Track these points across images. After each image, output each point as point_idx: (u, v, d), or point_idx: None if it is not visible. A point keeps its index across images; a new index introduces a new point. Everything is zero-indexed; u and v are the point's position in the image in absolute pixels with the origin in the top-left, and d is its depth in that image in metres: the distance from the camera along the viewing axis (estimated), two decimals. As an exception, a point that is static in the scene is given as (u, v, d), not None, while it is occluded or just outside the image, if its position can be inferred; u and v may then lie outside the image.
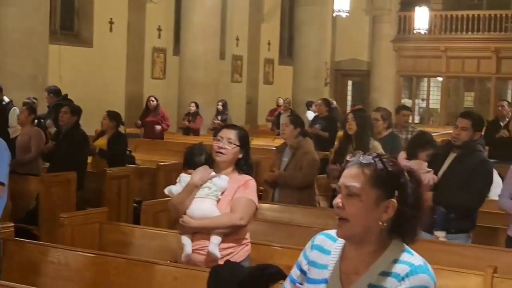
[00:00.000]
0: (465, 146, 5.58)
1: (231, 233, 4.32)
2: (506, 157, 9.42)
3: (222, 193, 4.42)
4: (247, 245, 4.43)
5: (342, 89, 25.38)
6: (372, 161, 2.37)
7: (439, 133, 17.35)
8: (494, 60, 22.66)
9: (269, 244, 5.10)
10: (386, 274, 2.31)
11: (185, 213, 4.40)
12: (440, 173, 5.69)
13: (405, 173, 2.38)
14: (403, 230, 2.37)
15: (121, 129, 9.13)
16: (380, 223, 2.34)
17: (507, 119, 10.96)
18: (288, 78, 21.87)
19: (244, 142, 4.47)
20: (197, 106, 14.58)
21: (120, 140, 9.01)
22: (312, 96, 19.80)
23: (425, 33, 23.63)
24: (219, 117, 14.86)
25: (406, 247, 2.37)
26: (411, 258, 2.33)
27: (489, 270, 4.44)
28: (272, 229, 5.86)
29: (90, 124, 9.19)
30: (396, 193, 2.34)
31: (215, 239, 4.30)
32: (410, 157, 6.01)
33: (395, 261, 2.32)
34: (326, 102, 13.11)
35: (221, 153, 4.41)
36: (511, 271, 4.97)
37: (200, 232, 4.35)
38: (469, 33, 22.95)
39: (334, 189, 7.07)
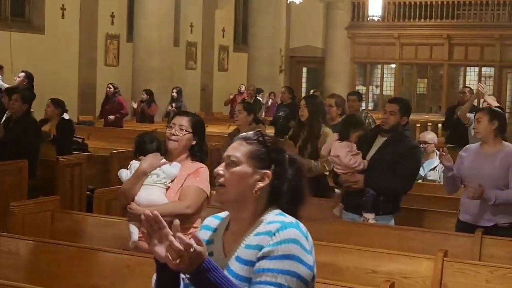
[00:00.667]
0: (393, 130, 5.70)
1: (179, 221, 4.29)
2: (463, 142, 9.56)
3: (172, 180, 4.40)
4: None
5: (297, 76, 25.44)
6: (254, 136, 2.59)
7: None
8: (447, 47, 22.91)
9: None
10: (260, 234, 2.46)
11: (133, 200, 4.39)
12: (369, 156, 5.80)
13: (285, 155, 2.59)
14: (280, 202, 2.55)
15: (66, 116, 9.02)
16: (254, 191, 2.52)
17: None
18: (243, 65, 21.86)
19: (197, 128, 4.44)
20: (150, 93, 14.50)
21: (68, 127, 8.93)
22: (267, 83, 19.87)
23: (378, 20, 23.77)
24: (174, 104, 14.78)
25: (281, 212, 2.53)
26: (283, 218, 2.50)
27: (440, 254, 4.51)
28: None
29: (42, 111, 9.05)
30: (273, 167, 2.54)
31: None
32: (342, 138, 6.08)
33: (269, 222, 2.48)
34: (290, 90, 13.20)
35: (172, 140, 4.39)
36: (461, 255, 5.08)
37: None
38: (422, 20, 23.16)
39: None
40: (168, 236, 2.27)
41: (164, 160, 4.41)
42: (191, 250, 2.23)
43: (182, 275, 2.41)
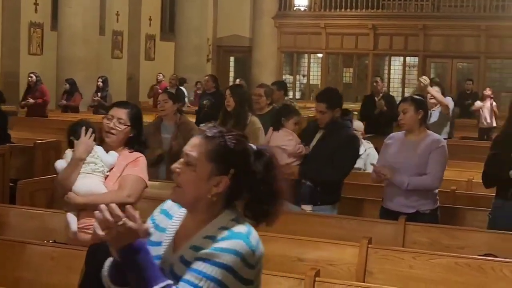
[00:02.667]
0: (329, 127, 5.74)
1: None
2: (381, 131, 9.74)
3: (110, 169, 4.35)
4: None
5: (225, 66, 25.41)
6: (217, 135, 2.41)
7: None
8: (372, 36, 23.20)
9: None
10: (209, 238, 2.35)
11: (71, 190, 4.31)
12: (310, 146, 5.86)
13: (251, 153, 2.42)
14: (234, 206, 2.43)
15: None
16: (209, 196, 2.39)
17: (381, 94, 11.40)
18: (170, 54, 21.70)
19: (135, 121, 4.39)
20: (72, 83, 14.30)
21: (1, 117, 8.77)
22: (194, 72, 19.80)
23: (305, 9, 23.98)
24: (99, 94, 14.61)
25: (237, 217, 2.41)
26: (235, 225, 2.37)
27: (364, 241, 4.58)
28: (155, 207, 5.80)
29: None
30: (232, 171, 2.39)
31: None
32: (276, 127, 6.11)
33: (221, 227, 2.37)
34: (213, 78, 13.17)
35: (112, 133, 4.33)
36: (385, 241, 5.17)
37: (86, 210, 4.26)
38: (348, 10, 23.39)
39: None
40: (101, 207, 2.19)
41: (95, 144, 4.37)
42: (120, 223, 2.15)
43: None
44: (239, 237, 2.32)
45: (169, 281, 2.25)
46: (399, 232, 5.31)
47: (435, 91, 8.89)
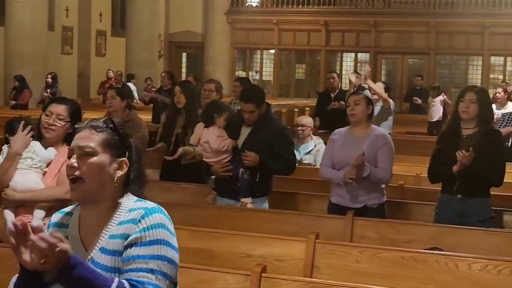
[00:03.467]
0: (258, 122, 5.77)
1: (56, 207, 4.16)
2: (336, 127, 9.77)
3: (48, 165, 4.28)
4: None
5: (177, 62, 25.30)
6: (103, 124, 2.52)
7: (273, 104, 17.71)
8: (324, 33, 23.34)
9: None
10: (123, 223, 2.44)
11: (8, 186, 4.24)
12: (240, 141, 5.84)
13: (131, 139, 2.60)
14: (133, 186, 2.55)
15: None
16: (115, 180, 2.48)
17: (337, 91, 11.42)
18: (121, 50, 21.52)
19: (75, 117, 4.32)
20: (21, 79, 14.09)
21: None
22: (146, 68, 19.69)
23: (257, 6, 23.99)
24: (49, 90, 14.42)
25: (138, 197, 2.54)
26: (143, 203, 2.49)
27: (312, 236, 4.58)
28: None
29: None
30: (127, 154, 2.54)
31: (38, 213, 4.16)
32: (207, 124, 6.10)
33: (130, 210, 2.46)
34: (170, 75, 13.18)
35: (51, 129, 4.27)
36: (334, 236, 5.19)
37: (24, 206, 4.20)
38: (300, 6, 23.48)
39: (164, 161, 7.04)
40: (30, 237, 2.14)
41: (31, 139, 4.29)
42: (57, 249, 2.14)
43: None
44: (154, 211, 2.44)
45: (117, 279, 2.29)
46: (347, 227, 5.32)
47: (375, 85, 8.98)
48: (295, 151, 7.98)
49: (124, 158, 2.51)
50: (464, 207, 5.25)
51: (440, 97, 13.57)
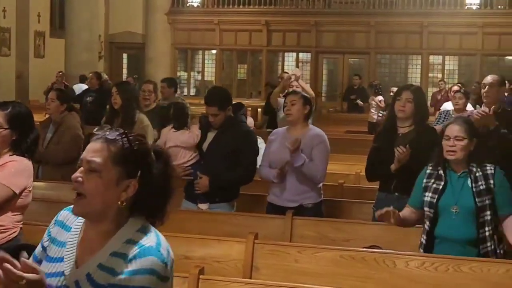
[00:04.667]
0: (223, 124, 5.73)
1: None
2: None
3: None
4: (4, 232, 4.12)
5: (118, 62, 25.05)
6: (118, 137, 2.30)
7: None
8: (265, 33, 23.37)
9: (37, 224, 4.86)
10: (116, 255, 2.27)
11: None
12: (205, 145, 5.82)
13: (152, 153, 2.35)
14: (144, 209, 2.34)
15: None
16: (119, 202, 2.29)
17: (286, 91, 11.47)
18: (61, 51, 21.20)
19: (16, 122, 4.07)
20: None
21: None
22: (86, 69, 19.37)
23: (198, 6, 23.91)
24: (-15, 93, 14.13)
25: (142, 226, 2.34)
26: (143, 238, 2.29)
27: (251, 236, 4.58)
28: (44, 208, 5.63)
29: None
30: (139, 173, 2.31)
31: None
32: (180, 127, 6.07)
33: (128, 241, 2.28)
34: (97, 75, 13.04)
35: None
36: (274, 236, 5.21)
37: None
38: (241, 6, 23.45)
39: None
40: None
41: None
42: (22, 282, 2.00)
43: None
44: (150, 253, 2.24)
45: None
46: (286, 227, 5.35)
47: (303, 82, 9.06)
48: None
49: (133, 179, 2.29)
50: (401, 205, 5.28)
51: (380, 97, 13.70)
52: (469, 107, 11.72)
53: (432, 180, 4.50)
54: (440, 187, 4.43)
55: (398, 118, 5.40)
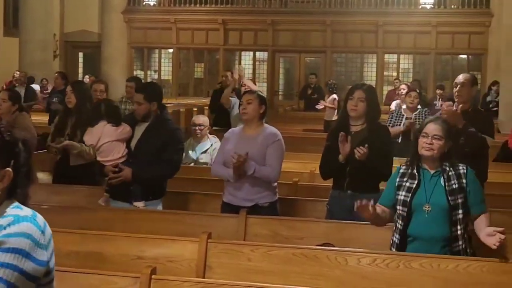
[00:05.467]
0: (152, 121, 5.79)
1: None
2: (227, 123, 9.81)
3: None
4: None
5: (73, 61, 24.82)
6: None
7: (172, 103, 17.63)
8: (222, 32, 23.36)
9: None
10: None
11: None
12: (133, 143, 5.82)
13: (20, 143, 2.47)
14: (15, 194, 2.45)
15: None
16: None
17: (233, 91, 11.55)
18: (14, 50, 20.93)
19: None
20: None
21: None
22: (41, 69, 19.24)
23: (154, 4, 23.81)
24: None
25: (17, 203, 2.44)
26: (18, 211, 2.40)
27: (204, 236, 4.57)
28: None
29: None
30: (12, 162, 2.42)
31: None
32: (117, 123, 6.04)
33: (2, 216, 2.37)
34: (62, 75, 12.95)
35: None
36: (228, 235, 5.20)
37: None
38: (198, 5, 23.42)
39: (56, 164, 6.91)
40: None
41: None
42: None
43: None
44: (26, 220, 2.35)
45: None
46: (240, 226, 5.35)
47: (250, 82, 9.09)
48: (192, 151, 8.03)
49: (8, 169, 2.40)
50: (354, 202, 5.35)
51: (334, 96, 13.78)
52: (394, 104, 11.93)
53: (405, 179, 4.54)
54: (414, 185, 4.48)
55: (351, 117, 5.44)
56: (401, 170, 4.62)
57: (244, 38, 23.44)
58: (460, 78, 6.26)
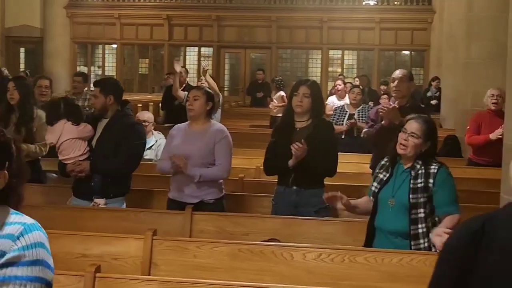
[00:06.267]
0: (112, 117, 5.75)
1: None
2: (179, 120, 9.79)
3: None
4: None
5: (14, 57, 24.33)
6: None
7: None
8: (167, 27, 23.22)
9: None
10: (1, 237, 2.28)
11: None
12: (95, 139, 5.77)
13: (13, 143, 2.42)
14: (9, 197, 2.38)
15: None
16: None
17: (184, 85, 11.60)
18: (-46, 45, 20.51)
19: None
20: None
21: None
22: (-19, 64, 18.83)
23: (98, -1, 23.58)
24: None
25: (12, 210, 2.38)
26: (21, 218, 2.35)
27: (149, 233, 4.55)
28: None
29: None
30: (7, 164, 2.36)
31: None
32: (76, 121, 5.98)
33: (5, 224, 2.31)
34: (-5, 71, 12.67)
35: None
36: (174, 232, 5.19)
37: None
38: (142, 0, 23.24)
39: None
40: None
41: None
42: None
43: None
44: (34, 228, 2.32)
45: None
46: (186, 222, 5.34)
47: (210, 79, 9.09)
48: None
49: (4, 171, 2.34)
50: (299, 198, 5.38)
51: (281, 93, 13.81)
52: (334, 100, 12.04)
53: (382, 171, 4.59)
54: (385, 178, 4.53)
55: (296, 113, 5.46)
56: (382, 162, 4.68)
57: (189, 33, 23.34)
58: (397, 73, 6.31)
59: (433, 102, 16.13)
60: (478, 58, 10.52)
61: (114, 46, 23.99)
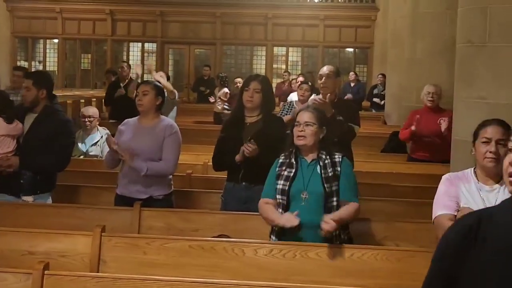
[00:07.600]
0: (42, 112, 5.66)
1: None
2: (124, 116, 9.68)
3: None
4: None
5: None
6: None
7: (58, 95, 17.18)
8: (109, 22, 22.98)
9: None
10: None
11: None
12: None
13: None
14: None
15: None
16: None
17: (126, 80, 11.56)
18: None
19: None
20: None
21: None
22: None
23: (39, -7, 23.15)
24: None
25: None
26: None
27: (97, 229, 4.47)
28: None
29: None
30: None
31: None
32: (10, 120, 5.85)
33: None
34: None
35: None
36: (122, 228, 5.11)
37: None
38: (84, -6, 22.98)
39: None
40: None
41: None
42: None
43: None
44: None
45: None
46: (134, 219, 5.27)
47: (159, 76, 9.00)
48: (81, 143, 7.84)
49: None
50: (249, 194, 5.35)
51: (225, 89, 13.76)
52: (294, 96, 12.07)
53: (284, 168, 4.56)
54: (292, 174, 4.50)
55: (246, 108, 5.43)
56: (281, 160, 4.64)
57: (133, 29, 23.14)
58: (325, 69, 6.41)
59: (376, 100, 16.31)
60: (422, 55, 10.65)
61: (56, 40, 23.62)
